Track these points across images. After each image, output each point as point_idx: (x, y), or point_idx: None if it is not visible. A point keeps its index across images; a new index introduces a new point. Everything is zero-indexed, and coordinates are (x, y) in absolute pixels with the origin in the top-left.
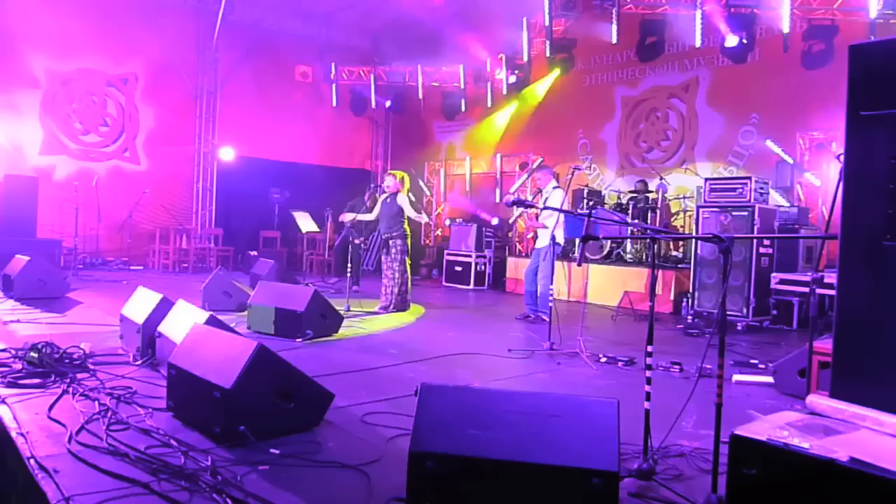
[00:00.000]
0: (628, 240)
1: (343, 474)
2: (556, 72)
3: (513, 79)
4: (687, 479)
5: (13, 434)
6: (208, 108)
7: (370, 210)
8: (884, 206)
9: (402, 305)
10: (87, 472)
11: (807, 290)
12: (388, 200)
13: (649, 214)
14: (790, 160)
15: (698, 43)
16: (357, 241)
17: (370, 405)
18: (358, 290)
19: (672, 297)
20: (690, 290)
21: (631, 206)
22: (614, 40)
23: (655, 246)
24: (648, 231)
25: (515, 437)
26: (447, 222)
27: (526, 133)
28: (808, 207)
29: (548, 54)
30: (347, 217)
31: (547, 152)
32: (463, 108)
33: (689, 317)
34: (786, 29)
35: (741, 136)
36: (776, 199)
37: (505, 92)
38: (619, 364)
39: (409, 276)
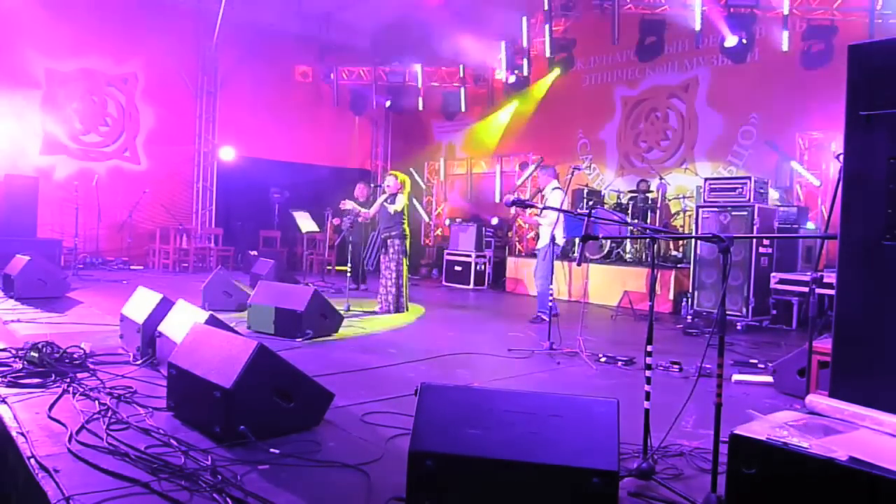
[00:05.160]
0: (628, 239)
1: (343, 474)
2: (556, 72)
3: (513, 79)
4: (686, 479)
5: (13, 433)
6: (208, 108)
7: (363, 203)
8: (883, 206)
9: (399, 307)
10: (88, 471)
11: (806, 289)
12: (388, 201)
13: (649, 214)
14: (801, 169)
15: (698, 43)
16: (343, 225)
17: (370, 405)
18: (357, 288)
19: (672, 297)
20: (690, 290)
21: (631, 206)
22: (614, 40)
23: (655, 246)
24: (648, 231)
25: (515, 437)
26: (447, 222)
27: (526, 133)
28: (807, 207)
29: (548, 54)
30: (347, 204)
31: (547, 152)
32: (463, 108)
33: (689, 316)
34: (785, 29)
35: (741, 136)
36: (776, 198)
37: (505, 92)
38: (619, 364)
39: (407, 276)
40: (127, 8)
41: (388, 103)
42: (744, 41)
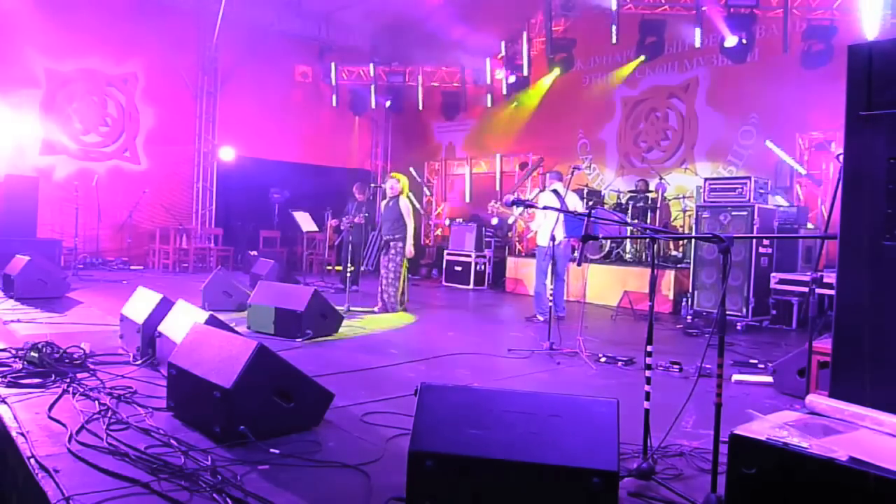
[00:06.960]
0: (628, 239)
1: (343, 474)
2: (556, 72)
3: (513, 79)
4: (686, 479)
5: (13, 434)
6: (208, 108)
7: (363, 203)
8: (883, 206)
9: (398, 307)
10: (88, 471)
11: (806, 289)
12: (391, 204)
13: (649, 214)
14: (802, 170)
15: (698, 43)
16: (343, 226)
17: (370, 405)
18: (357, 289)
19: (672, 297)
20: (690, 290)
21: (630, 206)
22: (614, 40)
23: (655, 246)
24: (648, 231)
25: (515, 437)
26: (447, 222)
27: (526, 133)
28: (807, 207)
29: (548, 54)
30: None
31: (547, 152)
32: (463, 108)
33: (689, 316)
34: (785, 29)
35: (740, 136)
36: (775, 198)
37: (505, 92)
38: (619, 364)
39: (406, 277)
40: (127, 8)
41: (388, 103)
42: (744, 41)
